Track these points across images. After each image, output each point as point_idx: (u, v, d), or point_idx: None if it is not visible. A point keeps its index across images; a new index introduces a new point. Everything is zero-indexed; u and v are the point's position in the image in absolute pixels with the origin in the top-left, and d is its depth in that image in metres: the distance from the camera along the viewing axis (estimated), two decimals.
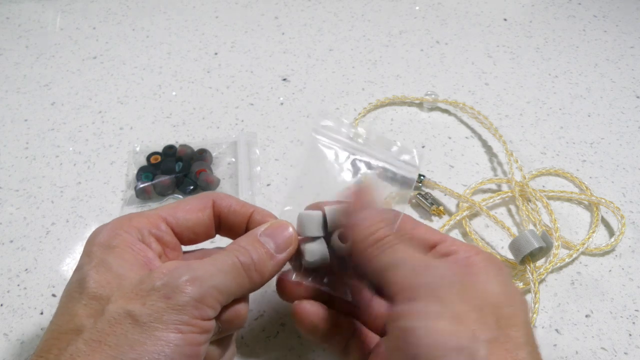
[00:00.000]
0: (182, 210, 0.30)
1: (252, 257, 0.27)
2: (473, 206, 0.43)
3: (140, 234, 0.28)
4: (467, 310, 0.24)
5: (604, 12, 0.69)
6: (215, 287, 0.25)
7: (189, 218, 0.30)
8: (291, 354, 0.35)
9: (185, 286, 0.24)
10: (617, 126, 0.52)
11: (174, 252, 0.30)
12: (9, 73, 0.59)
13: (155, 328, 0.23)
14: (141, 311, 0.23)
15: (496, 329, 0.24)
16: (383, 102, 0.54)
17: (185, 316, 0.24)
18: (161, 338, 0.23)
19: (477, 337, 0.23)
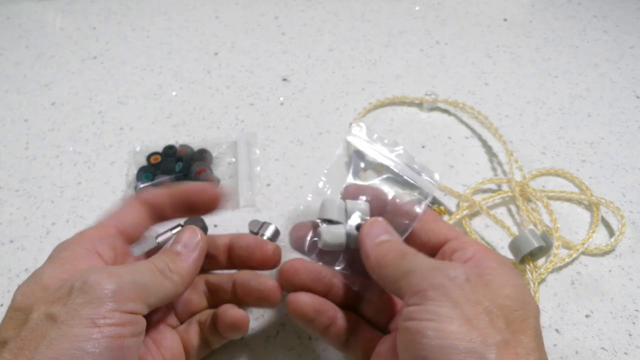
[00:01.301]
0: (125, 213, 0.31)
1: (165, 261, 0.29)
2: (473, 206, 0.43)
3: (92, 244, 0.29)
4: (477, 313, 0.24)
5: (604, 12, 0.69)
6: (133, 281, 0.26)
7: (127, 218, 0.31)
8: (291, 354, 0.35)
9: (102, 280, 0.25)
10: (617, 126, 0.52)
11: (125, 257, 0.31)
12: (9, 73, 0.59)
13: (72, 325, 0.23)
14: (60, 311, 0.24)
15: (507, 332, 0.24)
16: (383, 102, 0.54)
17: (102, 309, 0.24)
18: (78, 334, 0.23)
19: (487, 340, 0.23)
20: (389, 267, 0.28)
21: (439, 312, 0.24)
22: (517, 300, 0.25)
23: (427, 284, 0.25)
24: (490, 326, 0.23)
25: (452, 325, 0.23)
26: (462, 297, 0.24)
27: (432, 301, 0.24)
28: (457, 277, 0.25)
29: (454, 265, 0.26)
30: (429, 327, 0.24)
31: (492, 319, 0.24)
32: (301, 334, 0.36)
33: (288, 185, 0.46)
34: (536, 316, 0.26)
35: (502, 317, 0.24)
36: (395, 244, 0.30)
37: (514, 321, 0.24)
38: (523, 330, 0.24)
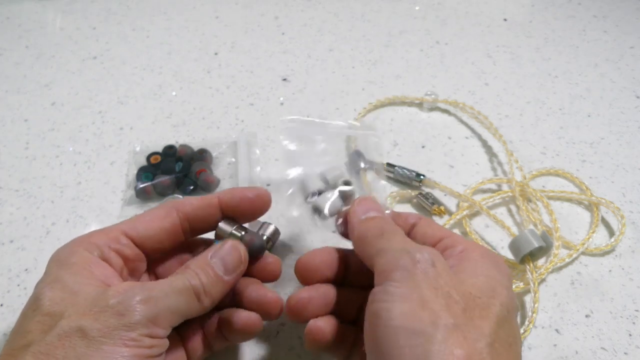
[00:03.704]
0: (142, 221, 0.31)
1: (201, 281, 0.28)
2: (473, 206, 0.43)
3: (99, 250, 0.29)
4: (434, 296, 0.24)
5: (604, 12, 0.68)
6: (168, 308, 0.26)
7: (149, 228, 0.31)
8: (291, 354, 0.35)
9: (138, 305, 0.25)
10: (617, 126, 0.52)
11: (137, 263, 0.31)
12: (9, 73, 0.59)
13: (103, 342, 0.24)
14: (92, 326, 0.24)
15: (461, 317, 0.24)
16: (383, 102, 0.54)
17: (134, 333, 0.25)
18: (108, 352, 0.24)
19: (437, 322, 0.23)
20: (367, 245, 0.29)
21: (395, 293, 0.24)
22: (484, 289, 0.26)
23: (392, 265, 0.26)
24: (445, 309, 0.24)
25: (404, 305, 0.24)
26: (423, 280, 0.24)
27: (392, 282, 0.25)
28: (423, 260, 0.25)
29: (423, 248, 0.27)
30: (383, 307, 0.24)
31: (448, 303, 0.24)
32: (301, 334, 0.36)
33: None
34: (503, 304, 0.25)
35: (461, 302, 0.24)
36: (379, 221, 0.30)
37: (474, 308, 0.24)
38: (482, 317, 0.24)
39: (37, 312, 0.26)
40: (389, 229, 0.29)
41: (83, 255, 0.28)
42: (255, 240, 0.32)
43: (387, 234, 0.29)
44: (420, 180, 0.45)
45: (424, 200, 0.44)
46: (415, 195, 0.44)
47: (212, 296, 0.29)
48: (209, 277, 0.29)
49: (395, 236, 0.28)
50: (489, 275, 0.27)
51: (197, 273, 0.28)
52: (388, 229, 0.29)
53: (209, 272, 0.29)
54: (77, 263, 0.28)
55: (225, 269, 0.29)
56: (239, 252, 0.30)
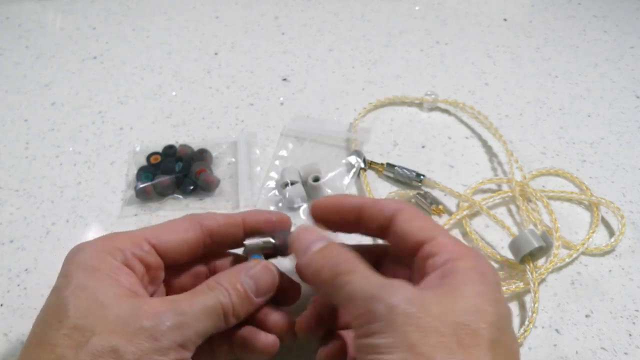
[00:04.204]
0: (165, 230, 0.31)
1: (232, 300, 0.28)
2: (473, 206, 0.43)
3: (123, 256, 0.28)
4: (422, 337, 0.23)
5: (604, 12, 0.68)
6: (197, 332, 0.26)
7: (172, 239, 0.30)
8: (291, 354, 0.35)
9: (171, 331, 0.25)
10: (617, 126, 0.52)
11: (157, 272, 0.30)
12: (9, 73, 0.59)
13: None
14: (126, 349, 0.24)
15: (456, 352, 0.23)
16: (383, 102, 0.54)
17: (166, 358, 0.25)
18: None
19: None
20: (325, 286, 0.27)
21: (382, 344, 0.23)
22: (471, 313, 0.24)
23: (368, 317, 0.24)
24: (437, 349, 0.23)
25: (394, 355, 0.23)
26: (405, 324, 0.23)
27: (375, 334, 0.24)
28: (399, 302, 0.24)
29: (395, 287, 0.25)
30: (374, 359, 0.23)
31: (439, 341, 0.23)
32: None
33: None
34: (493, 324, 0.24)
35: (452, 335, 0.23)
36: (328, 256, 0.28)
37: (465, 337, 0.23)
38: (476, 345, 0.23)
39: (64, 324, 0.25)
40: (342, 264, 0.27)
41: (108, 261, 0.28)
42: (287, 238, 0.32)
43: (343, 274, 0.26)
44: (421, 180, 0.45)
45: (422, 200, 0.44)
46: (413, 195, 0.44)
47: (239, 316, 0.29)
48: (240, 297, 0.28)
49: (353, 274, 0.26)
50: (474, 293, 0.25)
51: (228, 291, 0.28)
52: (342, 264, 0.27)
53: (240, 291, 0.29)
54: (102, 270, 0.27)
55: (257, 290, 0.29)
56: (272, 273, 0.30)
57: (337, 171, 0.47)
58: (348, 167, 0.47)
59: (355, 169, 0.46)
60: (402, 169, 0.46)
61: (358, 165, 0.47)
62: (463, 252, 0.27)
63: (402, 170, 0.46)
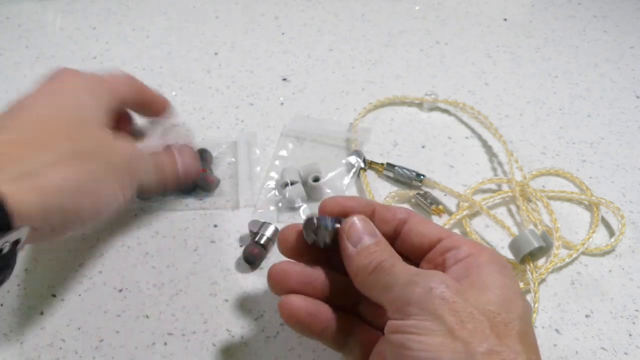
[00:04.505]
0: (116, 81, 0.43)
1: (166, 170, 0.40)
2: (473, 206, 0.43)
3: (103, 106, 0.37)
4: (459, 322, 0.23)
5: (604, 12, 0.68)
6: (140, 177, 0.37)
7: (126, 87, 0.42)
8: (291, 354, 0.35)
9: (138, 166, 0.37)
10: (617, 126, 0.52)
11: None
12: (9, 73, 0.59)
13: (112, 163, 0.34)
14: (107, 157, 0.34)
15: (491, 339, 0.23)
16: (383, 102, 0.54)
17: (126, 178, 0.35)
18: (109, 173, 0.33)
19: (472, 351, 0.22)
20: (368, 281, 0.28)
21: (421, 326, 0.24)
22: (501, 303, 0.25)
23: (406, 300, 0.25)
24: (474, 334, 0.23)
25: (435, 338, 0.23)
26: (442, 308, 0.24)
27: (414, 316, 0.24)
28: (436, 287, 0.25)
29: (431, 275, 0.26)
30: (412, 339, 0.24)
31: (475, 327, 0.23)
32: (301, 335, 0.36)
33: None
34: (522, 316, 0.25)
35: (486, 322, 0.24)
36: (374, 253, 0.29)
37: (498, 325, 0.24)
38: (508, 334, 0.24)
39: None
40: (387, 261, 0.28)
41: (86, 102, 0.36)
42: None
43: (386, 268, 0.27)
44: (421, 180, 0.45)
45: (422, 200, 0.44)
46: (413, 195, 0.44)
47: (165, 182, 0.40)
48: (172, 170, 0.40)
49: (395, 267, 0.27)
50: (502, 285, 0.26)
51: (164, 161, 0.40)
52: (385, 261, 0.28)
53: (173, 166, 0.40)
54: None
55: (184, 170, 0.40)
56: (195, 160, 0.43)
57: (337, 171, 0.47)
58: (348, 167, 0.47)
59: (355, 169, 0.46)
60: (402, 169, 0.46)
61: (358, 165, 0.47)
62: (481, 247, 0.29)
63: (402, 170, 0.46)
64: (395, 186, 0.46)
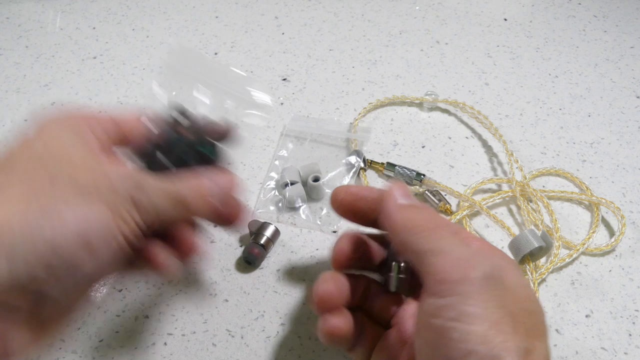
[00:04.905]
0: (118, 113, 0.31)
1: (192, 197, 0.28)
2: (473, 206, 0.43)
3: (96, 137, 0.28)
4: (503, 316, 0.23)
5: (604, 12, 0.68)
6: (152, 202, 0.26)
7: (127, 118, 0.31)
8: (291, 354, 0.35)
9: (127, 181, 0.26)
10: (617, 126, 0.52)
11: None
12: (9, 73, 0.58)
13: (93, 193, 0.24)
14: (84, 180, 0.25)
15: (527, 339, 0.23)
16: (383, 102, 0.54)
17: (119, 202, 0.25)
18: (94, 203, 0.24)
19: (510, 347, 0.22)
20: (417, 235, 0.26)
21: (466, 312, 0.23)
22: (531, 303, 0.24)
23: (456, 276, 0.24)
24: (514, 332, 0.23)
25: (478, 327, 0.22)
26: (490, 298, 0.23)
27: (460, 297, 0.23)
28: (488, 275, 0.24)
29: (484, 259, 0.25)
30: (455, 328, 0.23)
31: (515, 324, 0.23)
32: (301, 334, 0.36)
33: None
34: (544, 319, 0.25)
35: (522, 322, 0.23)
36: (426, 210, 0.28)
37: (530, 326, 0.24)
38: (537, 336, 0.23)
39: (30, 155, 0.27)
40: (442, 223, 0.27)
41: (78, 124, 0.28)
42: None
43: (440, 227, 0.26)
44: (421, 180, 0.45)
45: (430, 197, 0.44)
46: (423, 192, 0.44)
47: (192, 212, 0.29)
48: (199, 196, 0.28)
49: (451, 235, 0.26)
50: (524, 284, 0.25)
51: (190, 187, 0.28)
52: (441, 223, 0.27)
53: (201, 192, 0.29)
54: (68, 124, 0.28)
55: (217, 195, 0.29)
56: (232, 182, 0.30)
57: (337, 171, 0.47)
58: (348, 167, 0.47)
59: (355, 169, 0.46)
60: (403, 168, 0.46)
61: (358, 165, 0.47)
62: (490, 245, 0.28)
63: (402, 169, 0.46)
64: None
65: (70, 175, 0.24)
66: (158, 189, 0.27)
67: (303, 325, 0.37)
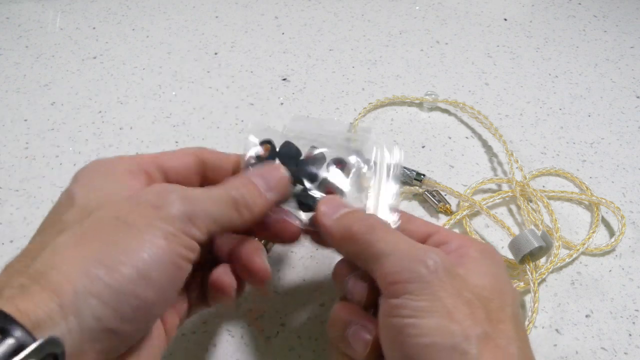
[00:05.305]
0: (166, 156, 0.30)
1: (242, 193, 0.27)
2: (473, 206, 0.43)
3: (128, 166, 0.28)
4: (458, 305, 0.23)
5: (604, 12, 0.68)
6: (205, 210, 0.25)
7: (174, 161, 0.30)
8: (291, 354, 0.35)
9: (176, 201, 0.24)
10: (617, 126, 0.52)
11: None
12: (9, 73, 0.59)
13: (142, 230, 0.23)
14: (132, 216, 0.23)
15: (487, 324, 0.23)
16: (383, 102, 0.54)
17: (172, 227, 0.24)
18: (147, 240, 0.23)
19: (468, 334, 0.22)
20: (357, 242, 0.26)
21: (418, 307, 0.23)
22: (494, 290, 0.25)
23: (404, 276, 0.24)
24: (471, 318, 0.23)
25: (431, 320, 0.23)
26: (441, 289, 0.23)
27: (411, 294, 0.23)
28: (436, 266, 0.24)
29: (430, 252, 0.25)
30: (408, 323, 0.23)
31: (472, 311, 0.23)
32: (301, 334, 0.36)
33: None
34: (513, 304, 0.25)
35: (482, 307, 0.24)
36: (359, 213, 0.28)
37: (493, 311, 0.24)
38: (502, 320, 0.24)
39: (71, 207, 0.25)
40: (376, 221, 0.27)
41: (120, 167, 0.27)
42: None
43: (378, 228, 0.26)
44: (421, 180, 0.45)
45: (430, 197, 0.44)
46: (422, 192, 0.44)
47: (252, 210, 0.27)
48: (250, 190, 0.27)
49: (388, 233, 0.26)
50: (493, 273, 0.26)
51: (238, 186, 0.27)
52: (376, 222, 0.27)
53: (250, 186, 0.28)
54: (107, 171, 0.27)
55: (266, 185, 0.28)
56: (279, 171, 0.30)
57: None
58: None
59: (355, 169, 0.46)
60: (402, 168, 0.46)
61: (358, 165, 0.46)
62: (471, 239, 0.29)
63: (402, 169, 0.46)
64: None
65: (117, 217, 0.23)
66: (208, 196, 0.26)
67: (303, 325, 0.37)
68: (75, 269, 0.21)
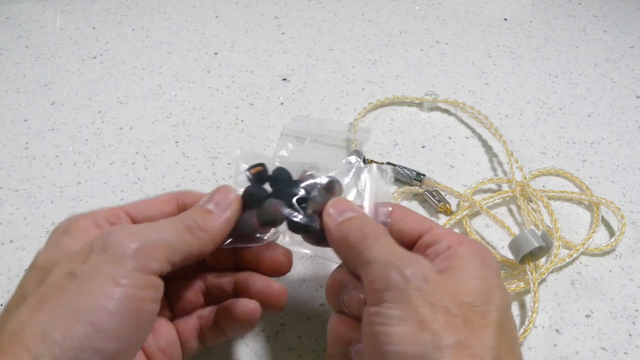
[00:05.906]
0: (143, 204, 0.30)
1: (193, 217, 0.28)
2: (473, 206, 0.43)
3: (95, 221, 0.28)
4: (432, 314, 0.23)
5: (604, 12, 0.68)
6: (158, 239, 0.25)
7: (150, 209, 0.30)
8: (291, 354, 0.35)
9: (123, 240, 0.24)
10: (617, 126, 0.52)
11: None
12: (9, 73, 0.59)
13: (92, 281, 0.23)
14: (81, 268, 0.23)
15: (464, 332, 0.23)
16: (383, 102, 0.54)
17: (123, 268, 0.23)
18: (99, 290, 0.23)
19: (439, 343, 0.22)
20: (350, 249, 0.27)
21: (391, 315, 0.23)
22: (479, 294, 0.24)
23: (382, 283, 0.24)
24: (446, 327, 0.23)
25: (402, 329, 0.23)
26: (418, 298, 0.23)
27: (386, 303, 0.24)
28: (415, 276, 0.24)
29: (413, 260, 0.25)
30: (381, 331, 0.23)
31: (448, 319, 0.23)
32: (301, 334, 0.36)
33: None
34: (499, 307, 0.24)
35: (461, 315, 0.23)
36: (358, 221, 0.28)
37: (474, 319, 0.23)
38: (483, 327, 0.23)
39: (31, 269, 0.26)
40: (370, 230, 0.27)
41: (79, 223, 0.28)
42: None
43: (369, 237, 0.27)
44: (421, 180, 0.45)
45: (430, 197, 0.44)
46: (422, 192, 0.44)
47: (208, 231, 0.28)
48: (199, 212, 0.28)
49: (378, 242, 0.26)
50: (480, 276, 0.25)
51: (187, 213, 0.28)
52: (369, 230, 0.27)
53: (199, 210, 0.28)
54: (73, 229, 0.27)
55: (218, 207, 0.29)
56: (226, 189, 0.30)
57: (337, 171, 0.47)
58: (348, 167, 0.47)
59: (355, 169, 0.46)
60: (403, 168, 0.46)
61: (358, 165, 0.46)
62: (461, 238, 0.28)
63: (402, 169, 0.46)
64: (395, 186, 0.46)
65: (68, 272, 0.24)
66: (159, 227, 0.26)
67: (303, 325, 0.37)
68: (33, 335, 0.21)
